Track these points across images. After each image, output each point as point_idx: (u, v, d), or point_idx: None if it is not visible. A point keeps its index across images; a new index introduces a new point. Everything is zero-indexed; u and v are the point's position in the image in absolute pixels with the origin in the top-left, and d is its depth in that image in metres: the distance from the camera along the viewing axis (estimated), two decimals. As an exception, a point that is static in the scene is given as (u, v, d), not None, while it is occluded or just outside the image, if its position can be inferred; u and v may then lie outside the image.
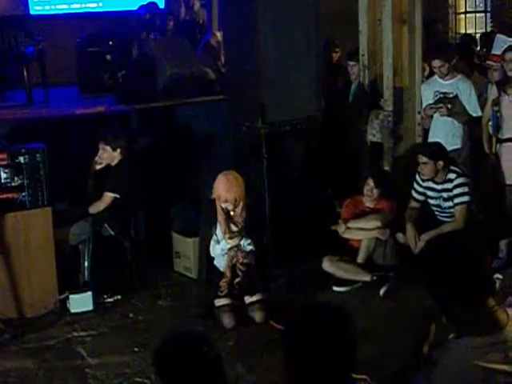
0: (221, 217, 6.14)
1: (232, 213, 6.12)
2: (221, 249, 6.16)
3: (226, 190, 6.09)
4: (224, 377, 2.83)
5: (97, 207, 6.78)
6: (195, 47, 10.06)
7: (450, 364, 2.66)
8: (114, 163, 6.87)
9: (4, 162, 6.19)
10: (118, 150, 6.84)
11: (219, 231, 6.18)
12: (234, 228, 6.13)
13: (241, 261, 6.13)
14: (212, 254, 6.24)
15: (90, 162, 6.91)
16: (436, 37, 10.42)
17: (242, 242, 6.14)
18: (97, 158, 6.88)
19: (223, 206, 6.10)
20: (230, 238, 6.10)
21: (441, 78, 7.43)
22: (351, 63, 8.31)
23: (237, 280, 6.12)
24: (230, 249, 6.12)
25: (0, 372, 5.39)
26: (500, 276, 4.84)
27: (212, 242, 6.21)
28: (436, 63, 7.37)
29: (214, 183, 6.19)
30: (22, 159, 6.23)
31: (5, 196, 6.19)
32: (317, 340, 2.60)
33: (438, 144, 7.03)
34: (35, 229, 6.30)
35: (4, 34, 9.73)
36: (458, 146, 7.42)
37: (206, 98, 8.28)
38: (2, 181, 6.18)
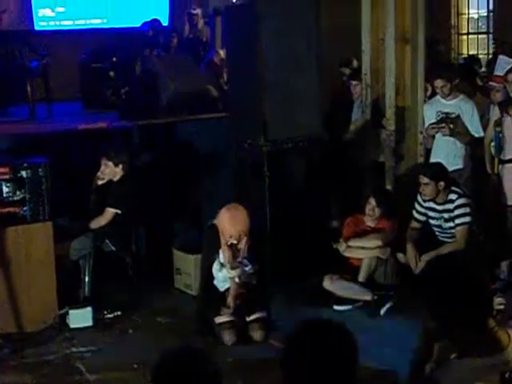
0: (224, 247, 6.12)
1: (236, 244, 6.10)
2: (223, 275, 6.14)
3: (230, 225, 6.07)
4: None
5: (98, 222, 6.79)
6: (198, 64, 10.09)
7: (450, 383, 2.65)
8: (115, 179, 6.87)
9: (6, 176, 6.20)
10: (120, 166, 6.85)
11: (222, 257, 6.16)
12: (237, 259, 6.10)
13: (242, 284, 6.10)
14: (214, 275, 6.22)
15: (92, 178, 6.91)
16: (438, 57, 10.45)
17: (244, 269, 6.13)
18: (99, 174, 6.89)
19: (227, 239, 6.10)
20: (233, 269, 6.06)
21: (443, 97, 7.43)
22: (354, 83, 8.34)
23: (237, 302, 6.10)
24: (231, 278, 6.10)
25: (-2, 386, 5.39)
26: (503, 300, 4.84)
27: (215, 265, 6.18)
28: (438, 83, 7.39)
29: (217, 212, 6.16)
30: (24, 173, 6.23)
31: (6, 210, 6.20)
32: (316, 357, 2.59)
33: (439, 164, 7.03)
34: (36, 243, 6.30)
35: (8, 49, 9.77)
36: (460, 167, 7.42)
37: (209, 116, 8.29)
38: (4, 195, 6.19)
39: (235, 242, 6.07)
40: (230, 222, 6.08)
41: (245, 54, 6.88)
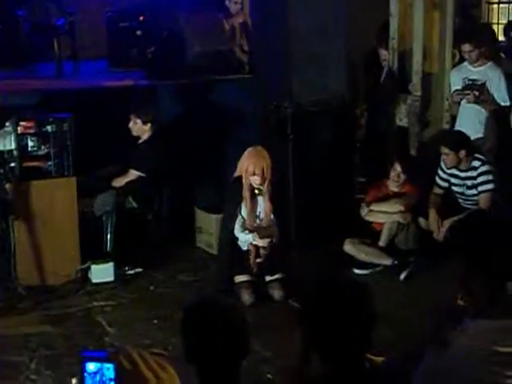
0: (247, 193, 6.09)
1: (259, 189, 6.07)
2: (245, 238, 6.13)
3: (253, 162, 6.02)
4: (248, 345, 2.86)
5: (120, 181, 6.83)
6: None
7: (464, 346, 2.65)
8: (143, 138, 6.89)
9: (31, 131, 6.26)
10: (149, 125, 6.87)
11: (244, 211, 6.15)
12: (260, 222, 6.09)
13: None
14: (236, 235, 6.22)
15: (116, 135, 6.93)
16: (470, 22, 10.27)
17: None
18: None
19: (251, 179, 6.06)
20: (250, 232, 6.06)
21: (470, 64, 7.36)
22: (384, 52, 8.25)
23: (258, 260, 6.12)
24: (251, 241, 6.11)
25: (20, 336, 5.46)
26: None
27: (237, 225, 6.16)
28: (466, 48, 7.30)
29: (239, 160, 6.16)
30: (49, 128, 6.29)
31: (31, 164, 6.26)
32: (333, 317, 2.62)
33: (459, 133, 6.98)
34: (60, 198, 6.37)
35: (36, 6, 9.74)
36: (485, 135, 7.37)
37: (235, 76, 8.27)
38: (29, 149, 6.26)
39: (258, 182, 6.03)
40: (253, 157, 6.04)
41: (272, 19, 6.89)
